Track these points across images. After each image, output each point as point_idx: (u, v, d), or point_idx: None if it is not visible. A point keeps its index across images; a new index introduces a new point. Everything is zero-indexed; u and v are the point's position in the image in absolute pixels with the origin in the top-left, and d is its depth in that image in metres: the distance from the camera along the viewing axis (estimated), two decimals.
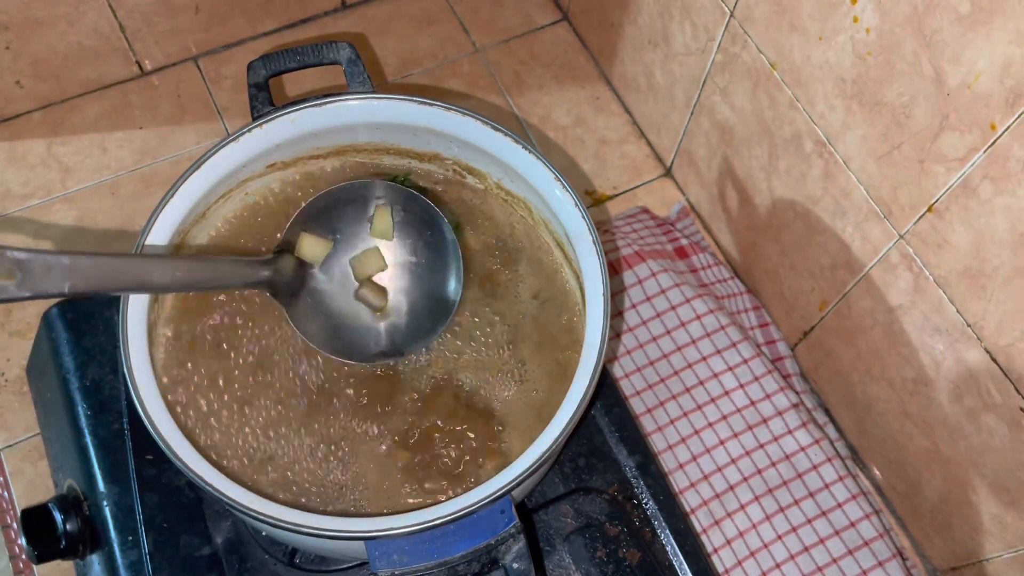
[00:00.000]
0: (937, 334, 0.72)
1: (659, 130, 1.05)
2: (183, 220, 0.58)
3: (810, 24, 0.72)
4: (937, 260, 0.69)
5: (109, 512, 0.64)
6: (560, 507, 0.66)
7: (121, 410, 0.67)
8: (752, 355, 0.89)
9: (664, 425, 0.87)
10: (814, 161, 0.78)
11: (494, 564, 0.51)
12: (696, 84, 0.93)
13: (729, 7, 0.82)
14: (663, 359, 0.89)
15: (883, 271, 0.76)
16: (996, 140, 0.60)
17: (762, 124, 0.84)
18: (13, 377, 0.92)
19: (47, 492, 0.86)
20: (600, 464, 0.68)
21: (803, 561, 0.82)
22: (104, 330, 0.70)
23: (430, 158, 0.65)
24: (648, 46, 0.99)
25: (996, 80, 0.58)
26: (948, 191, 0.65)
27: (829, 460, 0.85)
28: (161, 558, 0.63)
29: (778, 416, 0.86)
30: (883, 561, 0.82)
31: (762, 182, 0.87)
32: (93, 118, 1.07)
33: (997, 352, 0.67)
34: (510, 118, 1.09)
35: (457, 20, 1.16)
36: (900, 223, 0.71)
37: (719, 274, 0.97)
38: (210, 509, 0.64)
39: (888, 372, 0.80)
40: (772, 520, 0.83)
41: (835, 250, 0.80)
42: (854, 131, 0.72)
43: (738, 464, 0.85)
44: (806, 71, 0.75)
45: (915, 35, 0.63)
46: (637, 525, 0.66)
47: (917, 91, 0.64)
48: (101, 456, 0.66)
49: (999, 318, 0.66)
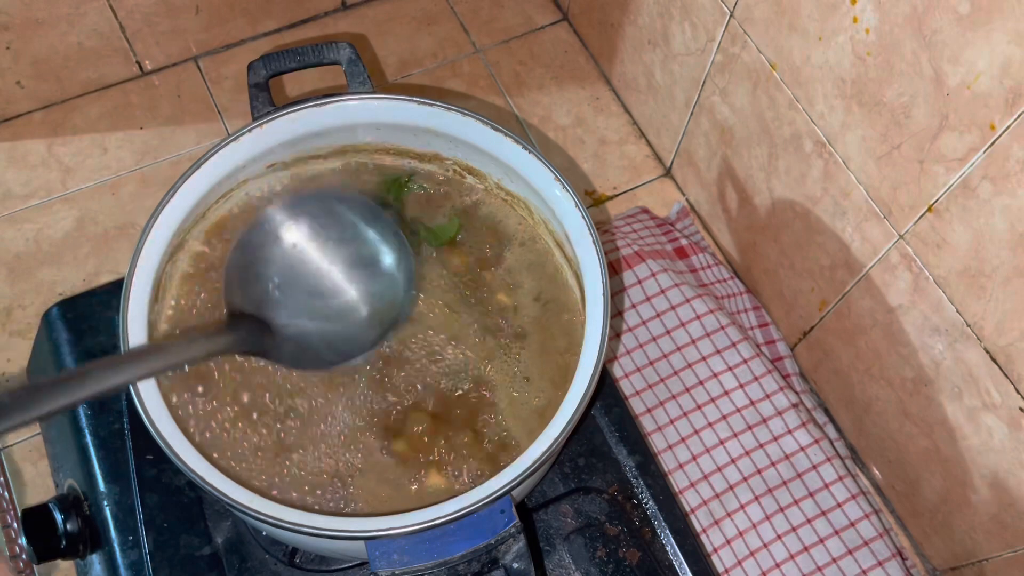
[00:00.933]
0: (936, 334, 0.72)
1: (659, 130, 1.05)
2: (183, 220, 0.58)
3: (810, 24, 0.72)
4: (936, 260, 0.69)
5: (109, 512, 0.64)
6: (560, 507, 0.66)
7: (121, 410, 0.67)
8: (752, 355, 0.89)
9: (664, 425, 0.87)
10: (814, 161, 0.78)
11: (494, 564, 0.51)
12: (696, 84, 0.93)
13: (729, 7, 0.82)
14: (663, 359, 0.89)
15: (883, 271, 0.76)
16: (996, 140, 0.60)
17: (762, 124, 0.84)
18: (14, 377, 0.92)
19: (47, 492, 0.86)
20: (600, 464, 0.68)
21: (803, 561, 0.82)
22: (104, 330, 0.70)
23: (430, 158, 0.65)
24: (648, 46, 0.99)
25: (996, 80, 0.58)
26: (948, 191, 0.65)
27: (829, 460, 0.85)
28: (161, 558, 0.63)
29: (778, 416, 0.86)
30: (883, 561, 0.82)
31: (762, 182, 0.87)
32: (93, 118, 1.07)
33: (996, 352, 0.67)
34: (510, 118, 1.09)
35: (457, 20, 1.16)
36: (900, 223, 0.71)
37: (719, 274, 0.97)
38: (210, 509, 0.64)
39: (888, 372, 0.80)
40: (772, 520, 0.83)
41: (835, 250, 0.80)
42: (854, 131, 0.72)
43: (738, 464, 0.85)
44: (806, 71, 0.75)
45: (915, 35, 0.63)
46: (637, 525, 0.66)
47: (917, 91, 0.64)
48: (101, 456, 0.66)
49: (998, 318, 0.65)
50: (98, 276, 0.98)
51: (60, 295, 0.97)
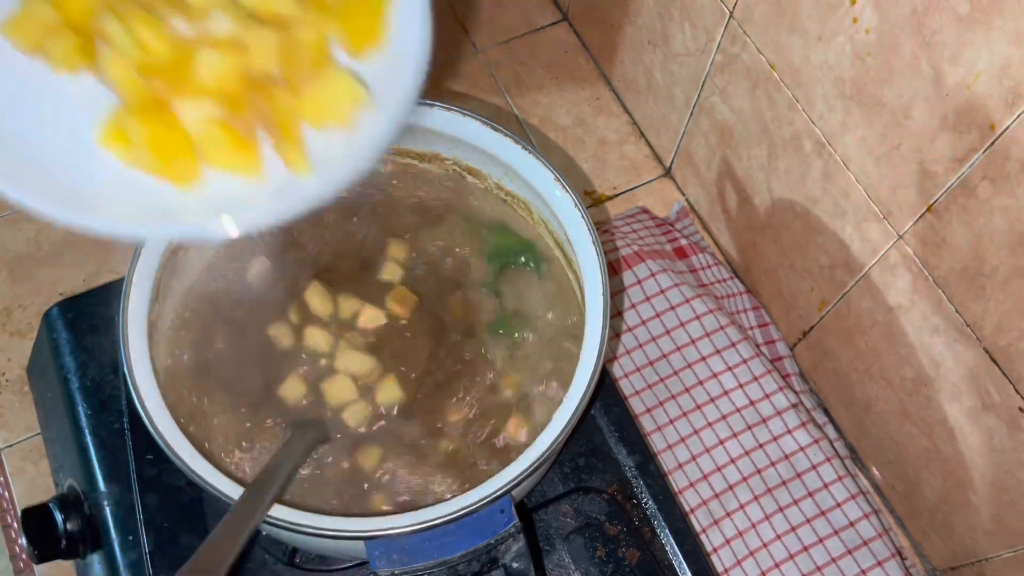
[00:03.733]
0: (936, 334, 0.72)
1: (659, 130, 1.05)
2: None
3: (809, 24, 0.72)
4: (936, 260, 0.69)
5: (110, 512, 0.64)
6: (560, 507, 0.66)
7: (121, 409, 0.67)
8: (751, 355, 0.89)
9: (663, 425, 0.87)
10: (813, 161, 0.78)
11: (494, 563, 0.51)
12: (695, 84, 0.93)
13: (728, 7, 0.82)
14: (662, 359, 0.89)
15: (882, 271, 0.76)
16: (995, 140, 0.60)
17: (761, 124, 0.84)
18: (14, 377, 0.92)
19: (48, 492, 0.86)
20: (600, 464, 0.68)
21: (802, 561, 0.82)
22: (104, 330, 0.70)
23: (430, 158, 0.65)
24: (648, 47, 0.99)
25: (995, 80, 0.58)
26: (947, 191, 0.65)
27: (828, 460, 0.85)
28: (162, 557, 0.63)
29: (777, 416, 0.86)
30: (882, 561, 0.82)
31: (761, 182, 0.88)
32: None
33: (996, 352, 0.67)
34: (510, 118, 1.09)
35: (457, 20, 1.16)
36: (899, 223, 0.71)
37: (718, 274, 0.97)
38: (211, 508, 0.64)
39: (887, 372, 0.80)
40: (771, 520, 0.83)
41: (834, 250, 0.80)
42: (853, 131, 0.72)
43: (737, 464, 0.85)
44: (805, 71, 0.75)
45: (914, 35, 0.63)
46: (636, 525, 0.66)
47: (916, 91, 0.64)
48: (101, 456, 0.66)
49: (998, 318, 0.66)
50: (98, 276, 0.98)
51: (60, 295, 0.97)
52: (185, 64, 0.41)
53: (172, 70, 0.41)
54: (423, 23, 0.44)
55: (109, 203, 0.41)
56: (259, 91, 0.42)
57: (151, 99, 0.41)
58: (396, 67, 0.44)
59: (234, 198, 0.41)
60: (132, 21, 0.40)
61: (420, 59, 0.44)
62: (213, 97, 0.41)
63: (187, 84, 0.41)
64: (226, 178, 0.42)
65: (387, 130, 0.43)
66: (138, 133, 0.41)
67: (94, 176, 0.42)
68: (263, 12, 0.42)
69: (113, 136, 0.41)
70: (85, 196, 0.41)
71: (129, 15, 0.40)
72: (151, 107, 0.41)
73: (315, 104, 0.42)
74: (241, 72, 0.41)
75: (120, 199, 0.41)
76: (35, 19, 0.41)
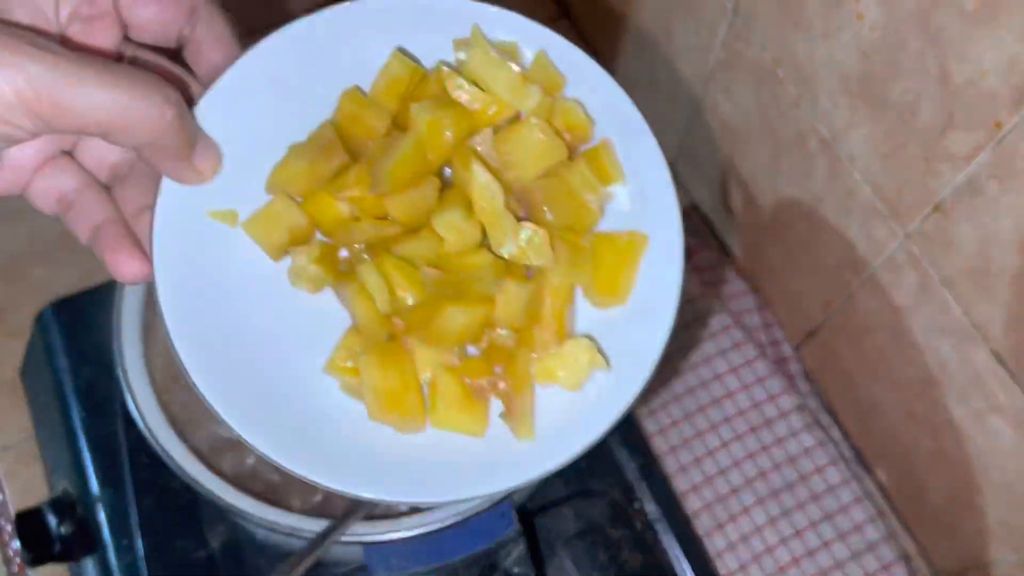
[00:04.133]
0: (943, 335, 0.72)
1: (661, 128, 1.04)
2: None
3: (814, 21, 0.72)
4: (943, 260, 0.69)
5: (104, 515, 0.64)
6: (561, 510, 0.65)
7: (116, 412, 0.67)
8: (755, 356, 0.88)
9: (666, 427, 0.87)
10: (818, 160, 0.78)
11: (494, 568, 0.51)
12: (698, 82, 0.92)
13: (732, 4, 0.81)
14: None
15: (888, 271, 0.75)
16: (1002, 138, 0.59)
17: (765, 122, 0.83)
18: (7, 379, 0.91)
19: (41, 495, 0.85)
20: (602, 466, 0.68)
21: (807, 565, 0.81)
22: (98, 332, 0.69)
23: None
24: (650, 44, 0.99)
25: (1002, 77, 0.57)
26: (954, 190, 0.65)
27: (833, 463, 0.85)
28: (156, 561, 0.62)
29: (782, 418, 0.86)
30: (888, 565, 0.82)
31: (765, 181, 0.87)
32: None
33: (1003, 353, 0.67)
34: None
35: None
36: (906, 222, 0.71)
37: (722, 274, 0.96)
38: (206, 512, 0.64)
39: (893, 373, 0.80)
40: (776, 523, 0.83)
41: (840, 250, 0.80)
42: (858, 129, 0.72)
43: (741, 466, 0.85)
44: (809, 69, 0.74)
45: (920, 32, 0.62)
46: (639, 528, 0.66)
47: (922, 89, 0.64)
48: (95, 458, 0.65)
49: (1005, 319, 0.65)
50: (92, 276, 0.97)
51: (54, 295, 0.96)
52: (431, 311, 0.38)
53: (416, 313, 0.39)
54: (675, 285, 0.42)
55: (322, 440, 0.38)
56: (495, 347, 0.40)
57: (390, 342, 0.39)
58: (640, 324, 0.42)
59: (450, 458, 0.39)
60: (385, 265, 0.38)
61: (668, 321, 0.41)
62: (452, 344, 0.39)
63: (430, 330, 0.38)
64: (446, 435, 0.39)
65: (624, 399, 0.40)
66: (371, 375, 0.38)
67: (310, 403, 0.39)
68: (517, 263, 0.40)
69: (340, 368, 0.39)
70: (303, 427, 0.38)
71: (384, 261, 0.38)
72: (390, 351, 0.38)
73: (549, 367, 0.40)
74: (484, 325, 0.39)
75: (335, 435, 0.38)
76: (280, 219, 0.40)
